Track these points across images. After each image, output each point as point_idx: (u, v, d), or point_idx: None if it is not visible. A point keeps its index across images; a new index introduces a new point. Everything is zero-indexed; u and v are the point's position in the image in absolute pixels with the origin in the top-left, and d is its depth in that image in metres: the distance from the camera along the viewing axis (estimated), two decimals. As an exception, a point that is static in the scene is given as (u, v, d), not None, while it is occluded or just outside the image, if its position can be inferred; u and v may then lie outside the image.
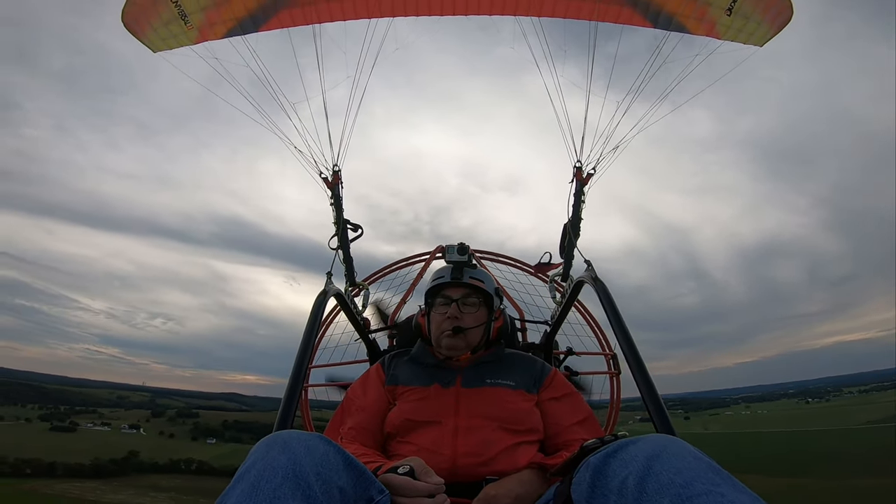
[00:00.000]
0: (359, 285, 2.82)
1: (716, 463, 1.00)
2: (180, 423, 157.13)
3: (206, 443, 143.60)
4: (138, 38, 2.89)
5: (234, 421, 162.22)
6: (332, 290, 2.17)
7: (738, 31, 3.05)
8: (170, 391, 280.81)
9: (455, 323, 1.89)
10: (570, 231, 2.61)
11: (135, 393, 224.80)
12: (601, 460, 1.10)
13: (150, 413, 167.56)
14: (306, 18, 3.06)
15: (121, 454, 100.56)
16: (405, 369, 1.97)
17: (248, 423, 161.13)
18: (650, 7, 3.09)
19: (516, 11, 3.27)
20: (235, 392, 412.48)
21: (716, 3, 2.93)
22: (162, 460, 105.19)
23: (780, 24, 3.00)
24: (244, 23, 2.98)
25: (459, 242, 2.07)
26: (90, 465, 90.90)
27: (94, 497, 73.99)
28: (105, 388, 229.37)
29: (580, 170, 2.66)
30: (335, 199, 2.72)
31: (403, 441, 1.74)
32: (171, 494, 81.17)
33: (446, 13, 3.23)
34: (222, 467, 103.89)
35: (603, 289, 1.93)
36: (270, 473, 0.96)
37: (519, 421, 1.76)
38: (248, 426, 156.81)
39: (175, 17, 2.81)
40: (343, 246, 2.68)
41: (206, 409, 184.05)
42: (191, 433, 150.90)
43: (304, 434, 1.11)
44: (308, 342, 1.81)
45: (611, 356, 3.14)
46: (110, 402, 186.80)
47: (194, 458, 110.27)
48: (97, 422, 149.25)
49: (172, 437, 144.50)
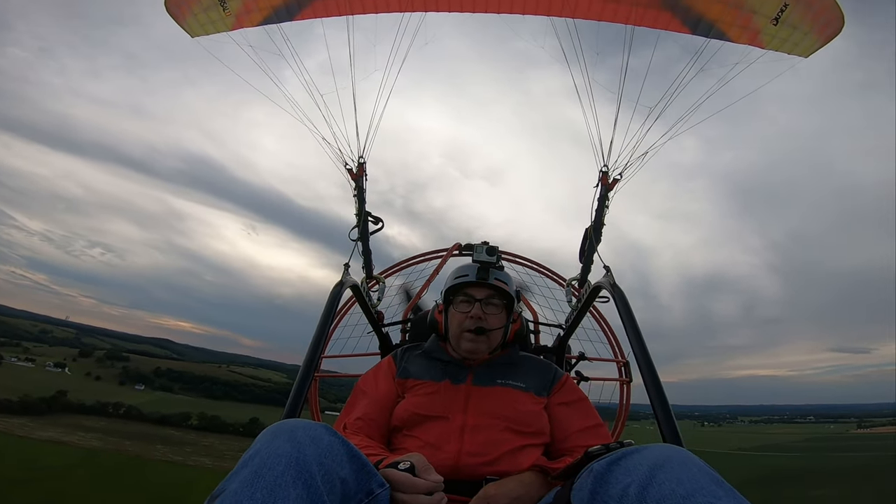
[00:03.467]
0: (376, 278, 2.82)
1: (720, 476, 0.98)
2: (109, 365, 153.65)
3: (135, 388, 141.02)
4: (178, 22, 2.98)
5: (166, 369, 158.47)
6: (349, 281, 2.18)
7: (783, 41, 2.93)
8: (96, 329, 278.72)
9: (479, 323, 1.87)
10: (591, 236, 2.56)
11: (58, 328, 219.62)
12: (604, 467, 1.09)
13: (77, 352, 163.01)
14: (340, 9, 3.10)
15: (49, 393, 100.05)
16: (417, 363, 1.97)
17: (181, 372, 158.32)
18: (690, 12, 2.99)
19: (549, 12, 3.22)
20: (166, 338, 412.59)
21: (762, 11, 2.82)
22: (89, 401, 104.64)
23: (829, 35, 2.86)
24: (279, 11, 3.03)
25: (484, 241, 2.05)
26: (18, 401, 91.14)
27: (24, 433, 75.07)
28: (27, 319, 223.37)
29: (606, 174, 2.60)
30: (358, 190, 2.72)
31: (409, 435, 1.74)
32: (98, 435, 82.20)
33: (479, 10, 3.21)
34: (150, 413, 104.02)
35: (621, 295, 1.88)
36: (274, 461, 0.98)
37: (526, 423, 1.74)
38: (180, 375, 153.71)
39: (214, 3, 2.89)
40: (363, 238, 2.68)
41: (135, 354, 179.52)
42: (119, 377, 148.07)
43: (310, 423, 1.12)
44: (322, 332, 1.82)
45: (623, 364, 3.08)
46: (32, 336, 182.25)
47: (123, 403, 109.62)
48: (21, 356, 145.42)
49: (99, 379, 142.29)
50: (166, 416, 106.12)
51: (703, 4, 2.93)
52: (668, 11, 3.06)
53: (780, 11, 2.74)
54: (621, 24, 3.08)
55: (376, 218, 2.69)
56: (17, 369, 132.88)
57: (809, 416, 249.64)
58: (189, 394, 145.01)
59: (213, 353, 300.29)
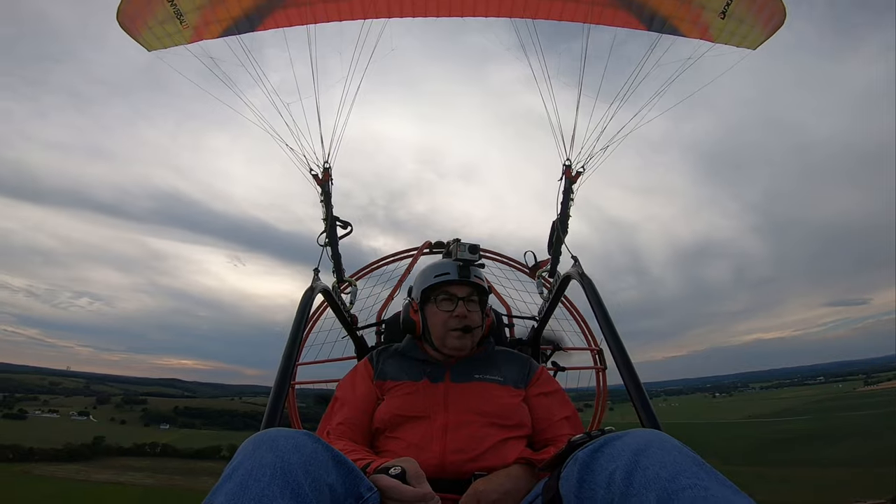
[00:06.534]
0: (347, 281, 2.82)
1: (700, 457, 1.01)
2: (128, 409, 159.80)
3: (160, 428, 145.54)
4: (133, 36, 2.91)
5: (184, 407, 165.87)
6: (319, 286, 2.16)
7: (731, 35, 3.07)
8: (103, 376, 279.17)
9: (465, 322, 1.89)
10: (558, 228, 2.62)
11: (67, 379, 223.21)
12: (588, 455, 1.10)
13: (94, 400, 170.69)
14: (302, 19, 3.08)
15: (87, 440, 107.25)
16: (393, 364, 1.97)
17: (199, 408, 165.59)
18: (644, 10, 3.10)
19: (512, 13, 3.29)
20: (173, 377, 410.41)
21: (709, 6, 2.95)
22: (126, 444, 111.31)
23: (773, 27, 3.01)
24: (240, 22, 2.99)
25: (456, 238, 2.07)
26: (63, 449, 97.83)
27: (82, 477, 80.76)
28: (32, 374, 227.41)
29: (569, 168, 2.67)
30: (325, 195, 2.72)
31: (392, 436, 1.74)
32: (147, 473, 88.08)
33: (442, 14, 3.25)
34: (184, 449, 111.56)
35: (589, 284, 1.92)
36: (259, 472, 0.96)
37: (507, 416, 1.76)
38: (199, 412, 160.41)
39: (171, 16, 2.83)
40: (332, 242, 2.68)
41: (151, 396, 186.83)
42: (142, 419, 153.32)
43: (291, 431, 1.11)
44: (295, 339, 1.79)
45: (597, 351, 3.13)
46: (44, 389, 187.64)
47: (158, 442, 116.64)
48: (44, 409, 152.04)
49: (124, 423, 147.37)
50: (199, 450, 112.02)
51: (655, 1, 3.05)
52: (624, 10, 3.17)
53: (727, 6, 2.88)
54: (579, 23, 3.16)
55: (344, 222, 2.70)
56: (45, 421, 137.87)
57: (819, 376, 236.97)
58: (212, 428, 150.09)
59: (221, 386, 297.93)
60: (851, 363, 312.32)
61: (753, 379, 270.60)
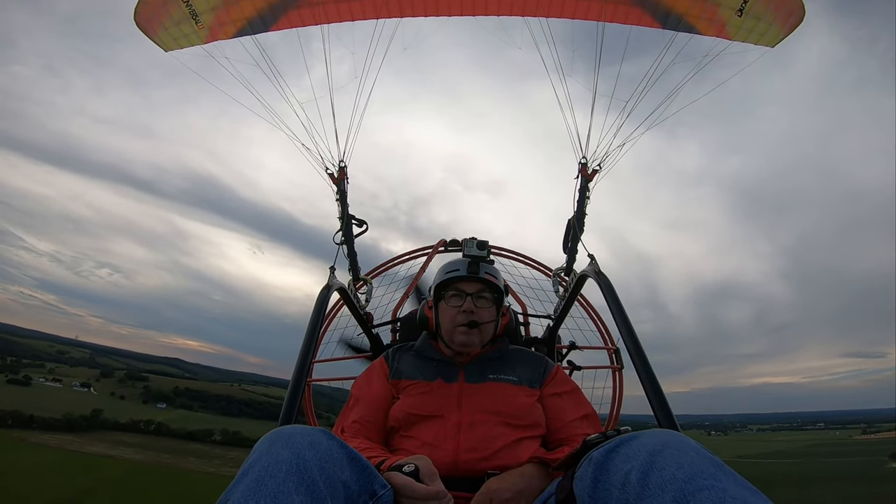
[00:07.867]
0: (363, 279, 2.83)
1: (718, 459, 0.99)
2: (130, 385, 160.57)
3: (157, 407, 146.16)
4: (150, 37, 2.95)
5: (184, 388, 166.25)
6: (335, 284, 2.17)
7: (748, 32, 3.02)
8: (108, 349, 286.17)
9: (471, 317, 1.89)
10: (574, 226, 2.61)
11: (74, 348, 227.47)
12: (604, 455, 1.09)
13: (98, 372, 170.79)
14: (315, 18, 3.10)
15: (86, 412, 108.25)
16: (409, 363, 1.97)
17: (198, 391, 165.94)
18: (659, 7, 3.07)
19: (524, 12, 3.27)
20: (177, 357, 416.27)
21: (726, 3, 2.91)
22: (123, 419, 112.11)
23: (792, 25, 2.96)
24: (254, 22, 3.02)
25: (472, 237, 2.07)
26: (62, 419, 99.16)
27: (74, 448, 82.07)
28: (42, 340, 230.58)
29: (585, 166, 2.65)
30: (340, 194, 2.75)
31: (406, 435, 1.75)
32: (137, 449, 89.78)
33: (454, 13, 3.25)
34: (178, 430, 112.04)
35: (606, 283, 1.91)
36: (274, 469, 0.97)
37: (521, 416, 1.75)
38: (197, 395, 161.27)
39: (186, 16, 2.86)
40: (347, 241, 2.70)
41: (153, 374, 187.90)
42: (141, 396, 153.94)
43: (307, 429, 1.12)
44: (312, 336, 1.80)
45: (613, 350, 3.10)
46: (51, 357, 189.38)
47: (153, 420, 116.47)
48: (48, 377, 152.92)
49: (124, 398, 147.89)
50: (192, 432, 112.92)
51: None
52: (638, 7, 3.13)
53: (744, 2, 2.83)
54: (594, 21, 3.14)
55: (360, 221, 2.72)
56: (49, 389, 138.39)
57: (819, 422, 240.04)
58: (208, 412, 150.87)
59: (223, 371, 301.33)
60: (854, 412, 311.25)
61: (753, 421, 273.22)
